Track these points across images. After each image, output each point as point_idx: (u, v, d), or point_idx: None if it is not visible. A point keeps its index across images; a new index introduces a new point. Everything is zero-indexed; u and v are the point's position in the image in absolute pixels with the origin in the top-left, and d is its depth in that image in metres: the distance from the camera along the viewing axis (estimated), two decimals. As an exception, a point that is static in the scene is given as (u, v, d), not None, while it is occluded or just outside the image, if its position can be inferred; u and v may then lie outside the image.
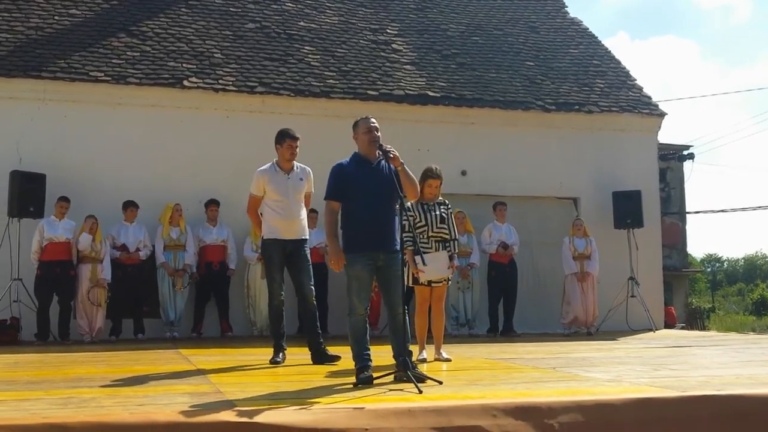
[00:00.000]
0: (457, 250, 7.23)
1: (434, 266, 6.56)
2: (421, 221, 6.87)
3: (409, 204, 6.86)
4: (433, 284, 6.92)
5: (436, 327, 7.18)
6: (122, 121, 11.05)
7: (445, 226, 6.93)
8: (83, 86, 10.96)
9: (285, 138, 6.83)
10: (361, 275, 5.38)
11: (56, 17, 11.98)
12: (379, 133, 5.53)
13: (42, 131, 10.71)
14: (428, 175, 6.97)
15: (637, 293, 11.94)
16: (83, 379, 5.65)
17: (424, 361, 6.86)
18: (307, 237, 7.03)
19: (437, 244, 6.88)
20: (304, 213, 6.97)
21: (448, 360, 6.97)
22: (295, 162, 6.90)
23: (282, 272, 6.90)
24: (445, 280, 6.96)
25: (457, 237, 7.13)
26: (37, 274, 9.83)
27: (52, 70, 10.93)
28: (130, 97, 11.12)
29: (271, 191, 6.80)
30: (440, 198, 7.06)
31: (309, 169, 7.01)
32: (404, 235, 6.46)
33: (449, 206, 7.09)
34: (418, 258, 6.04)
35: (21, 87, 10.75)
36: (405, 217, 5.67)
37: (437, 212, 6.91)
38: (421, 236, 6.82)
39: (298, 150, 6.87)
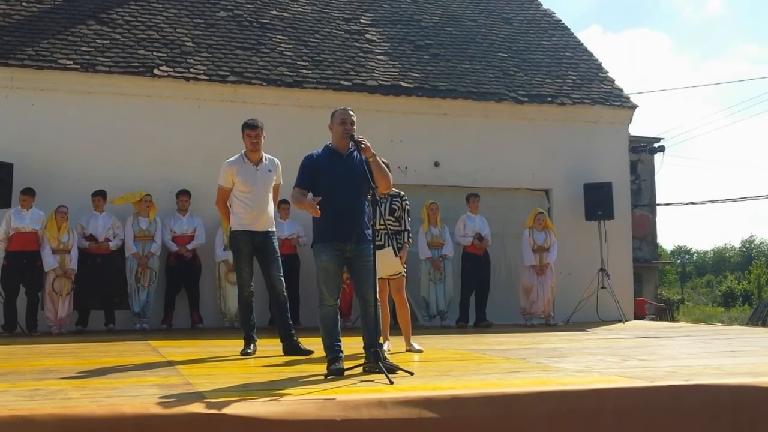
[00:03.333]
0: (409, 241, 7.19)
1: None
2: None
3: None
4: (388, 277, 6.86)
5: (401, 318, 7.17)
6: (91, 109, 10.90)
7: (394, 218, 6.95)
8: (52, 74, 10.79)
9: (243, 128, 6.77)
10: (327, 266, 5.37)
11: (24, 3, 11.76)
12: (354, 126, 5.51)
13: (9, 120, 10.54)
14: None
15: (607, 285, 12.05)
16: (51, 371, 5.58)
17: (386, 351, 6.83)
18: (275, 229, 6.99)
19: (387, 237, 6.84)
20: (272, 205, 6.93)
21: (419, 351, 6.99)
22: (263, 153, 6.85)
23: (251, 264, 6.85)
24: (395, 274, 6.87)
25: (409, 228, 7.12)
26: (4, 265, 9.70)
27: (20, 57, 10.75)
28: (99, 85, 10.97)
29: (240, 183, 6.74)
30: (395, 191, 6.95)
31: (277, 160, 6.96)
32: None
33: (404, 198, 7.08)
34: None
35: (-13, 74, 10.57)
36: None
37: (387, 204, 6.92)
38: None
39: (261, 140, 6.77)
